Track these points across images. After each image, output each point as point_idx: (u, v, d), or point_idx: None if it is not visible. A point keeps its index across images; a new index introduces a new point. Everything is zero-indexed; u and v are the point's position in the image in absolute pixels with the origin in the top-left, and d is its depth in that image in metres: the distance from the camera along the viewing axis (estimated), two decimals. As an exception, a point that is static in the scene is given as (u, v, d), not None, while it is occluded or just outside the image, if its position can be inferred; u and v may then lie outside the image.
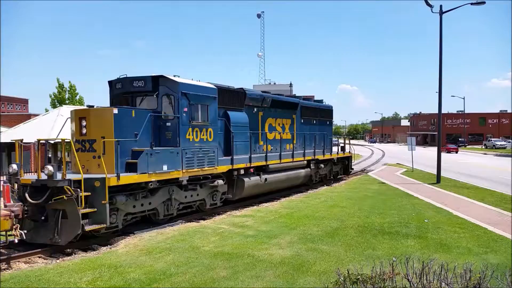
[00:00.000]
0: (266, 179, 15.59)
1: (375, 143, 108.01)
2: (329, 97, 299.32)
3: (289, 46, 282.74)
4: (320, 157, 20.29)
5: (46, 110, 31.24)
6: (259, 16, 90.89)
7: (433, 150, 28.29)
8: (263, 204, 15.41)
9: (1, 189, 11.64)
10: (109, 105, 12.54)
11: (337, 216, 12.59)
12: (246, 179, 14.53)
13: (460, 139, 77.29)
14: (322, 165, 20.77)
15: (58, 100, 33.44)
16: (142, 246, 9.46)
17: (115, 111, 10.47)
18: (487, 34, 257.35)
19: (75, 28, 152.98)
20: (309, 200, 16.07)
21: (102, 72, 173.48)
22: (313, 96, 69.68)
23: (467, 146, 74.23)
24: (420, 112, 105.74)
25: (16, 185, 10.06)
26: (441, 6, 21.16)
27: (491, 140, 69.30)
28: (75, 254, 9.22)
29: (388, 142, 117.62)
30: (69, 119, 11.44)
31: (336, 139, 28.02)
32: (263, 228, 11.08)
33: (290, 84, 65.59)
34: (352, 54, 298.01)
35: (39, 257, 8.89)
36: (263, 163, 15.63)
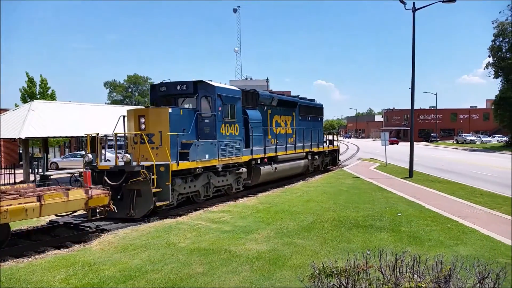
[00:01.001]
0: (276, 168, 18.15)
1: (350, 138, 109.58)
2: (305, 93, 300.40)
3: (265, 41, 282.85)
4: (315, 149, 23.06)
5: (16, 105, 30.32)
6: (235, 11, 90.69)
7: (406, 145, 29.03)
8: (240, 199, 15.44)
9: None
10: (143, 105, 14.38)
11: (313, 210, 12.73)
12: (262, 168, 17.04)
13: (432, 134, 79.20)
14: (316, 157, 23.82)
15: (28, 95, 32.51)
16: (116, 243, 9.34)
17: (170, 110, 12.55)
18: (459, 32, 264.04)
19: (46, 20, 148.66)
20: (286, 195, 16.18)
21: (75, 65, 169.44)
22: (290, 92, 69.90)
23: (439, 141, 76.08)
24: (393, 108, 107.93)
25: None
26: (414, 3, 21.61)
27: (462, 135, 71.30)
28: (47, 251, 9.01)
29: (362, 137, 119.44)
30: (120, 117, 13.70)
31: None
32: (240, 223, 11.10)
33: (267, 79, 65.83)
34: (327, 50, 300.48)
35: (9, 255, 8.66)
36: (274, 154, 18.16)
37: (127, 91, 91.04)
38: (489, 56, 53.15)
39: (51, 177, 20.49)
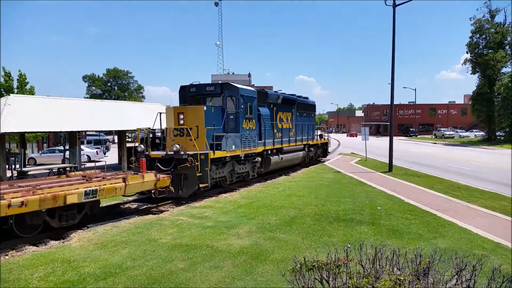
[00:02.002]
0: (282, 158, 20.73)
1: (331, 133, 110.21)
2: (287, 88, 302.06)
3: (247, 36, 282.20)
4: (310, 142, 25.92)
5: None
6: (216, 4, 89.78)
7: (385, 139, 29.36)
8: (223, 194, 15.41)
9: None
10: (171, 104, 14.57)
11: (294, 205, 12.79)
12: (271, 158, 19.58)
13: (411, 129, 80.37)
14: (312, 149, 26.49)
15: (5, 89, 31.71)
16: (96, 240, 9.21)
17: (205, 108, 14.82)
18: (438, 28, 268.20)
19: (26, 12, 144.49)
20: (268, 189, 16.21)
21: (54, 59, 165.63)
22: (272, 87, 69.89)
23: (418, 136, 77.29)
24: (374, 103, 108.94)
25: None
26: (394, -1, 21.84)
27: (441, 130, 72.62)
28: (25, 249, 8.84)
29: (343, 132, 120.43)
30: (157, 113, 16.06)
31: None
32: (222, 219, 11.07)
33: (249, 74, 65.63)
34: (309, 45, 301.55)
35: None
36: (280, 146, 20.66)
37: (107, 85, 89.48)
38: (467, 52, 54.17)
39: (29, 173, 20.08)
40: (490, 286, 3.89)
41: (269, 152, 19.46)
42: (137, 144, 15.25)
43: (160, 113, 15.93)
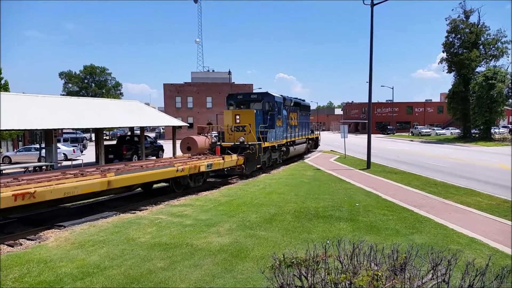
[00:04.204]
0: (295, 148, 26.54)
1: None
2: (267, 86, 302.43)
3: (227, 33, 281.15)
4: (309, 136, 31.93)
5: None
6: (196, 1, 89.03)
7: (364, 137, 29.56)
8: (203, 192, 15.34)
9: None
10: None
11: (275, 202, 12.84)
12: (290, 148, 25.37)
13: (388, 127, 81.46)
14: (310, 141, 32.56)
15: (-23, 86, 30.79)
16: (73, 239, 9.06)
17: (254, 111, 20.48)
18: (415, 28, 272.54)
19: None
20: (248, 187, 16.23)
21: (30, 55, 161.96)
22: (252, 85, 69.31)
23: (395, 134, 78.48)
24: (352, 101, 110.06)
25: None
26: (372, -2, 22.17)
27: (417, 128, 73.79)
28: (-2, 251, 8.62)
29: (323, 130, 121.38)
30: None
31: None
32: (202, 217, 11.03)
33: (229, 72, 65.31)
34: (289, 44, 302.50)
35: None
36: (294, 139, 26.31)
37: (84, 82, 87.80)
38: (443, 52, 55.11)
39: (4, 171, 19.57)
40: (464, 280, 3.98)
41: (288, 144, 24.83)
42: (213, 136, 21.43)
43: (217, 114, 22.17)
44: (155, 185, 15.80)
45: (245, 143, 19.34)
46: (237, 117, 20.23)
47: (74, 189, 10.36)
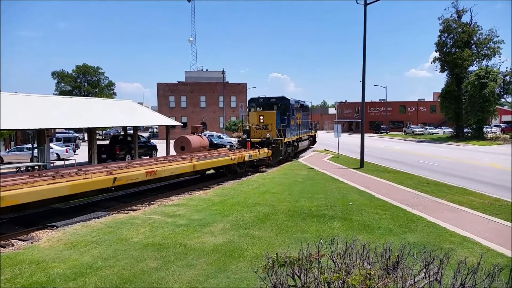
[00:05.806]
0: (302, 143, 30.68)
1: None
2: (261, 85, 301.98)
3: (221, 33, 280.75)
4: (310, 134, 37.69)
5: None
6: (189, 0, 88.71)
7: (357, 136, 29.57)
8: (197, 192, 15.32)
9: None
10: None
11: (268, 202, 12.84)
12: (299, 143, 29.44)
13: (382, 126, 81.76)
14: (311, 138, 38.16)
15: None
16: (66, 239, 9.00)
17: (275, 112, 24.65)
18: (408, 27, 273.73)
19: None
20: (242, 187, 16.22)
21: (22, 54, 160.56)
22: (246, 84, 69.30)
23: (389, 133, 78.80)
24: (346, 101, 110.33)
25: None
26: (365, -2, 22.33)
27: (410, 127, 74.16)
28: (-10, 251, 8.55)
29: (317, 129, 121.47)
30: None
31: None
32: (195, 217, 11.01)
33: (223, 71, 65.16)
34: (282, 43, 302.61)
35: None
36: (301, 136, 30.31)
37: (76, 82, 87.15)
38: (435, 51, 55.39)
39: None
40: (456, 279, 4.00)
41: (298, 140, 28.84)
42: (242, 133, 25.89)
43: (243, 115, 25.52)
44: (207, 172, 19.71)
45: (271, 138, 23.74)
46: (261, 117, 24.65)
47: (175, 169, 14.68)
